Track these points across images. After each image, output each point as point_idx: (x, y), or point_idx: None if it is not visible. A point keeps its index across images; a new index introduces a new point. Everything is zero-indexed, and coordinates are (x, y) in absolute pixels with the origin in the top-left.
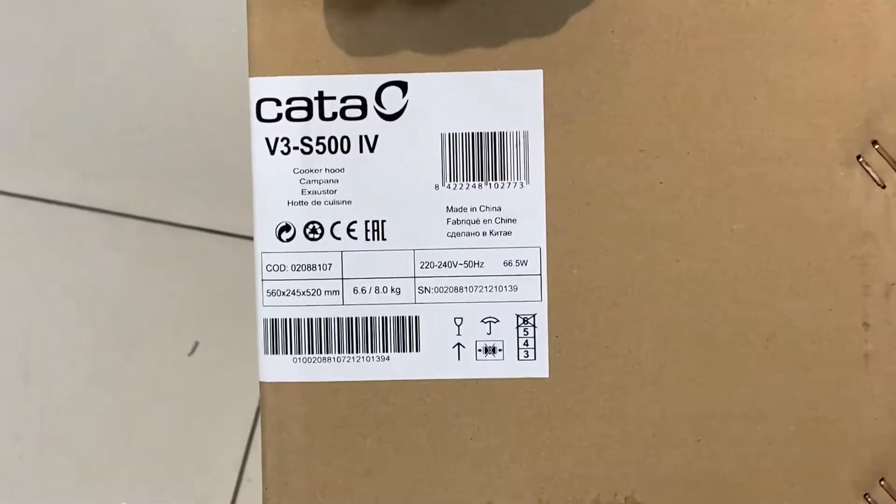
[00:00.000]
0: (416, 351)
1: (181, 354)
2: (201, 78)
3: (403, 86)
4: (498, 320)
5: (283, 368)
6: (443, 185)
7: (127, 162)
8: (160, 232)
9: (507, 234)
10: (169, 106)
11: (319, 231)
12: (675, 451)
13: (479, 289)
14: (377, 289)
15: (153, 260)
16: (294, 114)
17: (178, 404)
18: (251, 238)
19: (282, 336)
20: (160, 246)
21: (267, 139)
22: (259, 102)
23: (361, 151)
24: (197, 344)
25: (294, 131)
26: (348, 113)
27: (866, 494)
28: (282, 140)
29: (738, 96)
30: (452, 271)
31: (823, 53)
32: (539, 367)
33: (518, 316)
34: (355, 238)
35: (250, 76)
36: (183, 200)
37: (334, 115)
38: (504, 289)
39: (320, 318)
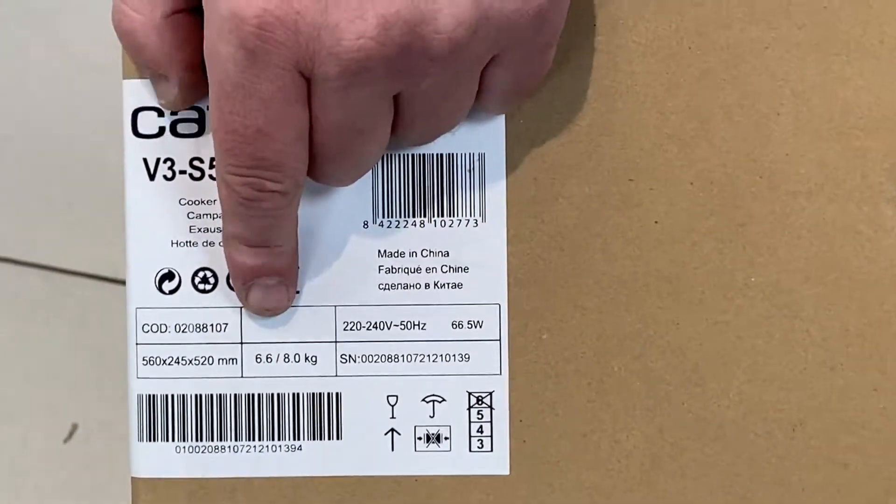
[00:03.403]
0: (338, 439)
1: (56, 440)
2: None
3: None
4: (444, 400)
5: (162, 460)
6: (373, 222)
7: None
8: (24, 276)
9: (456, 286)
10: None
11: (213, 281)
12: None
13: (419, 358)
14: (287, 357)
15: (21, 313)
16: (181, 127)
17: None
18: None
19: (161, 418)
20: (30, 295)
21: (145, 160)
22: (135, 112)
23: None
24: (75, 427)
25: (181, 150)
26: None
27: None
28: (164, 161)
29: (757, 111)
30: (385, 334)
31: (867, 57)
32: (497, 462)
33: (470, 394)
34: None
35: (124, 78)
36: (55, 237)
37: None
38: (452, 358)
39: (212, 395)
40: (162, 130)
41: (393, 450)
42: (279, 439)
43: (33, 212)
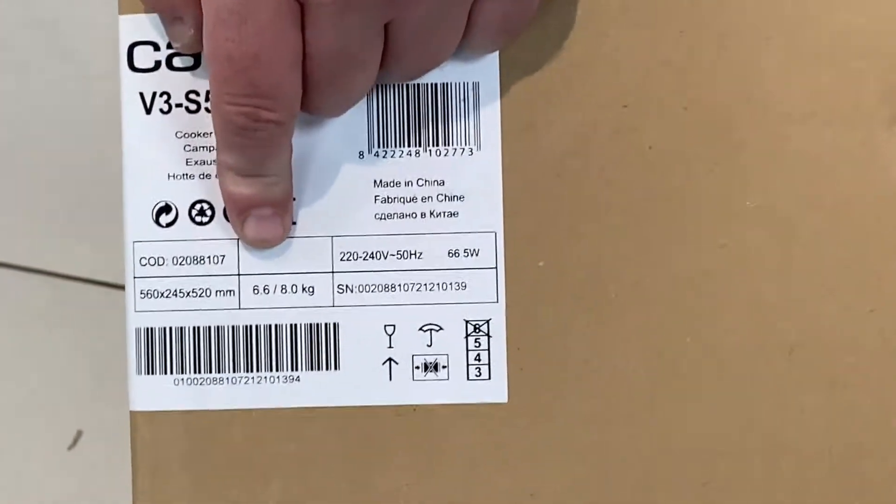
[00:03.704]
0: (335, 369)
1: (60, 447)
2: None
3: None
4: (441, 328)
5: (160, 393)
6: (369, 152)
7: None
8: (29, 282)
9: (452, 215)
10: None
11: (209, 213)
12: (675, 500)
13: (416, 287)
14: (284, 288)
15: (26, 320)
16: (177, 61)
17: None
18: None
19: (159, 350)
20: (34, 301)
21: (141, 94)
22: (131, 47)
23: None
24: (80, 434)
25: (177, 83)
26: None
27: None
28: (161, 95)
29: (749, 36)
30: (382, 264)
31: None
32: (495, 390)
33: (467, 322)
34: None
35: (120, 13)
36: (59, 243)
37: None
38: (449, 287)
39: (210, 327)
40: (158, 64)
41: (391, 379)
42: (277, 370)
43: (37, 218)
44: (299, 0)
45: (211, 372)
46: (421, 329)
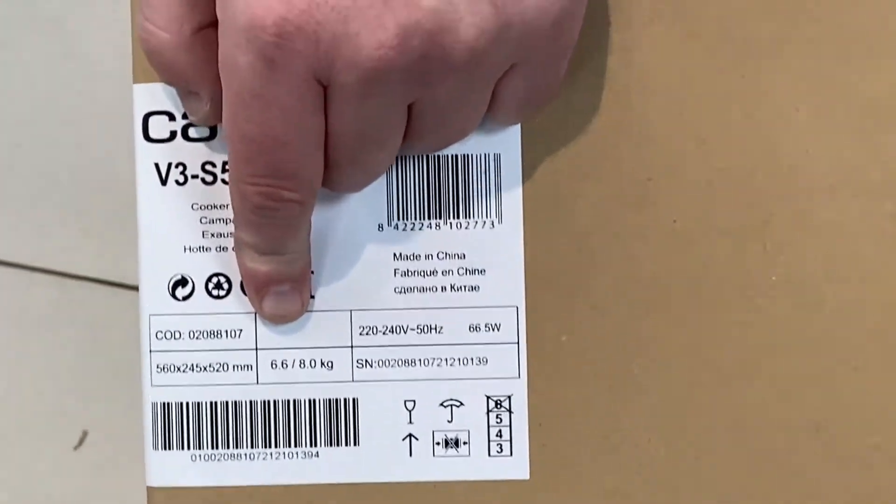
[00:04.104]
0: (355, 445)
1: (66, 447)
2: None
3: None
4: (462, 404)
5: (177, 469)
6: (388, 224)
7: None
8: (36, 282)
9: (473, 289)
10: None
11: (226, 286)
12: None
13: (437, 362)
14: (303, 362)
15: (32, 319)
16: (193, 131)
17: None
18: None
19: (176, 426)
20: (41, 301)
21: (157, 165)
22: (146, 117)
23: None
24: (86, 434)
25: (193, 154)
26: None
27: None
28: (177, 166)
29: (775, 107)
30: (402, 339)
31: (885, 50)
32: (517, 466)
33: (489, 398)
34: None
35: (134, 82)
36: (66, 243)
37: None
38: (470, 362)
39: (227, 402)
40: (173, 135)
41: (411, 455)
42: (296, 446)
43: (44, 218)
44: (322, 82)
45: (229, 447)
46: (441, 405)
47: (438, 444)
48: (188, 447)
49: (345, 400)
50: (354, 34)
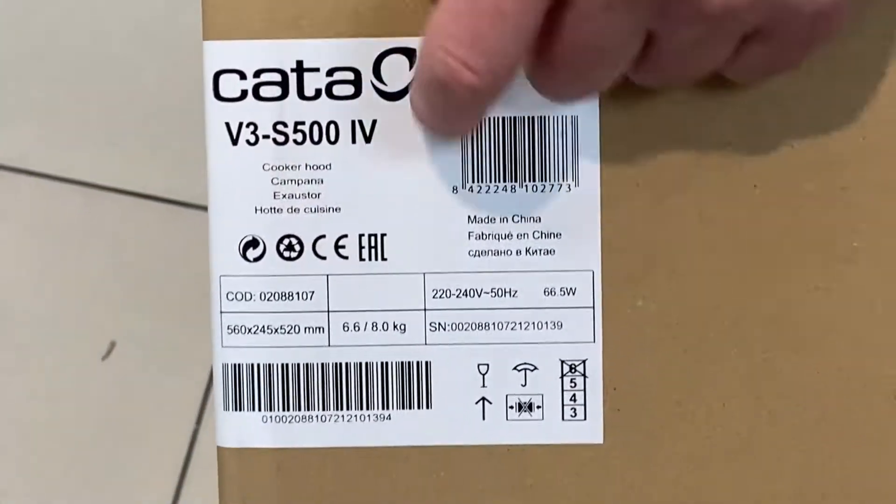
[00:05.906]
0: (427, 408)
1: (94, 358)
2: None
3: (411, 54)
4: (536, 368)
5: (248, 430)
6: (463, 187)
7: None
8: (58, 193)
9: (548, 252)
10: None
11: (298, 248)
12: None
13: (511, 326)
14: (375, 325)
15: (59, 231)
16: (264, 90)
17: (88, 423)
18: (178, 203)
19: (247, 387)
20: (60, 213)
21: (227, 124)
22: (217, 75)
23: (354, 142)
24: (113, 345)
25: (264, 114)
26: (336, 90)
27: None
28: (247, 126)
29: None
30: (476, 302)
31: None
32: (591, 431)
33: (563, 362)
34: (346, 257)
35: (204, 39)
36: (88, 151)
37: (318, 92)
38: (545, 326)
39: (299, 364)
40: (244, 94)
41: (484, 419)
42: (368, 409)
43: (70, 128)
44: None
45: (300, 409)
46: (515, 368)
47: (512, 407)
48: (259, 408)
49: (417, 363)
50: None
